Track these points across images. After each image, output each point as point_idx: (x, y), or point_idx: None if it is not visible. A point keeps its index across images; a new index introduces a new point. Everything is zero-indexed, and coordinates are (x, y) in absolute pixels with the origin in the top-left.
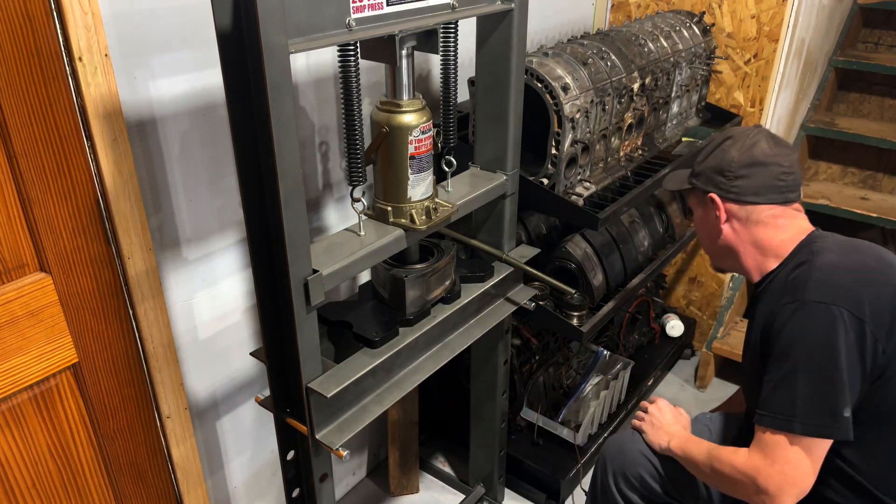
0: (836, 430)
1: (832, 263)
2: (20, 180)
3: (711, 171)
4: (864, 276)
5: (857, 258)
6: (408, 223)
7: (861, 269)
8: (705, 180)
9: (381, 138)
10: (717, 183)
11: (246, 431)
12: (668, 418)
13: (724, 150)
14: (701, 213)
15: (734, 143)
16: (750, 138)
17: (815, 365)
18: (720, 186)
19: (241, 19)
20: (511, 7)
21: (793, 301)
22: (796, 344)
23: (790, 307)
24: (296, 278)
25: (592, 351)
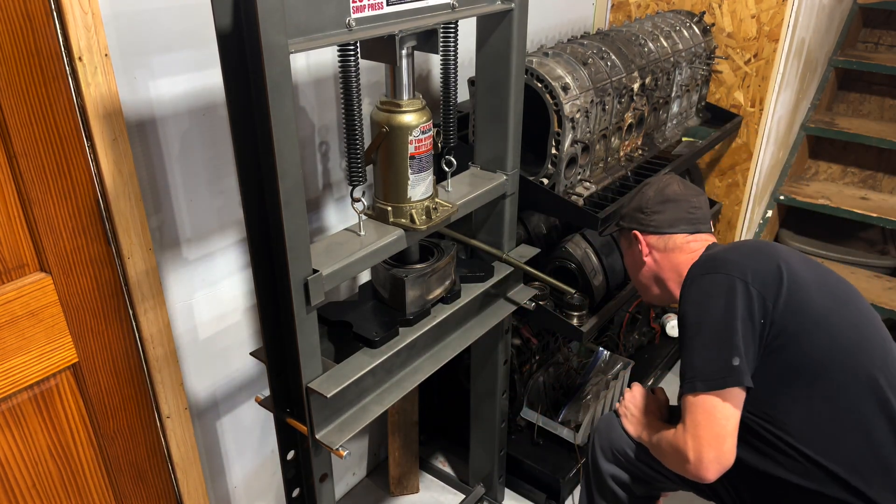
0: (730, 379)
1: (714, 251)
2: (20, 180)
3: (633, 210)
4: (741, 251)
5: (734, 245)
6: (408, 223)
7: (738, 248)
8: (629, 220)
9: (381, 138)
10: (638, 220)
11: (246, 431)
12: (640, 406)
13: (642, 193)
14: (627, 251)
15: (650, 187)
16: (663, 182)
17: (702, 324)
18: (640, 222)
19: (241, 19)
20: (511, 7)
21: (686, 284)
22: (686, 312)
23: (684, 288)
24: (296, 278)
25: (592, 351)
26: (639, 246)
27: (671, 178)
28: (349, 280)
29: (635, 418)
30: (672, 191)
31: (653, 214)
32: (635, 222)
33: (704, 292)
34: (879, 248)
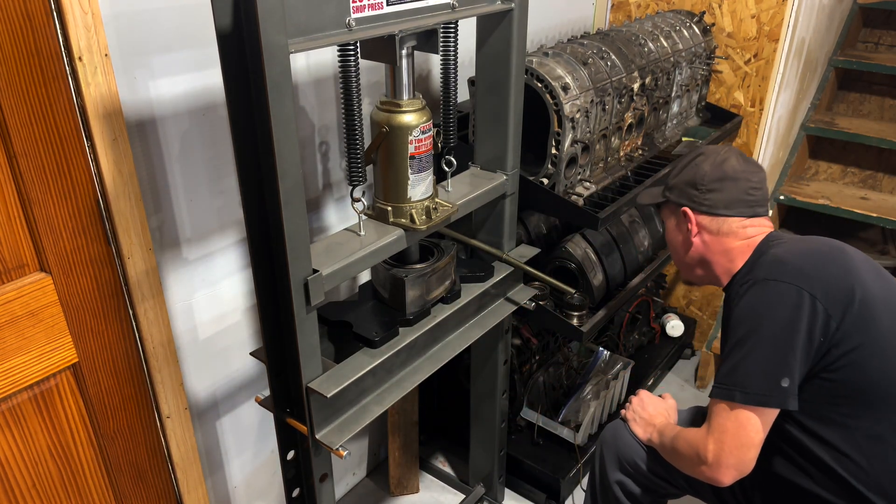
0: (773, 400)
1: (783, 251)
2: (20, 180)
3: (684, 184)
4: (813, 258)
5: (806, 246)
6: (408, 223)
7: (811, 254)
8: (678, 194)
9: (381, 138)
10: (689, 196)
11: (246, 431)
12: (651, 410)
13: (696, 165)
14: (673, 226)
15: (706, 158)
16: (721, 155)
17: (757, 335)
18: (693, 199)
19: (241, 19)
20: (511, 7)
21: (745, 282)
22: (742, 316)
23: (743, 287)
24: (296, 278)
25: (592, 351)
26: (688, 225)
27: (729, 151)
28: (349, 280)
29: (644, 421)
30: (731, 167)
31: (708, 193)
32: (686, 198)
33: (767, 300)
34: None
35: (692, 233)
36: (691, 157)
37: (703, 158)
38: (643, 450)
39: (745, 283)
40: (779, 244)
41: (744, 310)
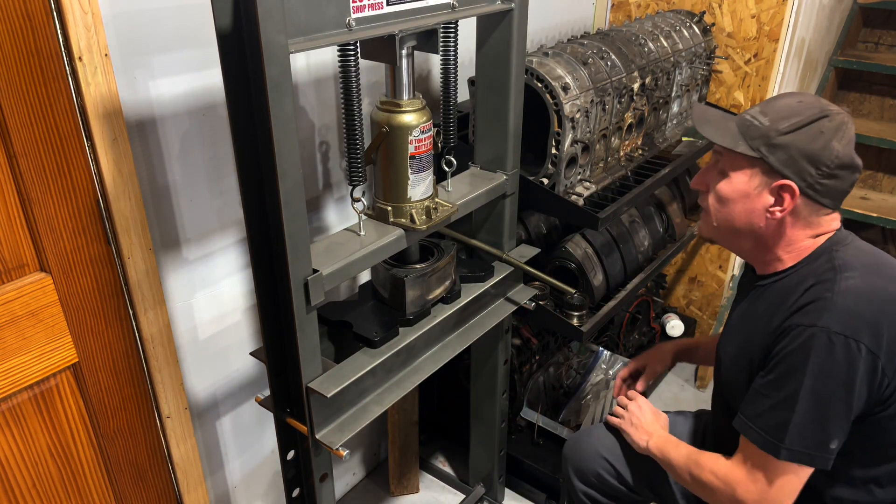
0: (819, 460)
1: (856, 289)
2: (20, 180)
3: (801, 154)
4: (885, 306)
5: (879, 283)
6: (408, 223)
7: (883, 299)
8: (787, 161)
9: (381, 138)
10: (803, 171)
11: (246, 431)
12: (648, 417)
13: (823, 134)
14: (743, 185)
15: (836, 132)
16: (849, 131)
17: (818, 396)
18: (805, 178)
19: (241, 19)
20: (511, 7)
21: (811, 325)
22: (805, 370)
23: (808, 331)
24: (296, 278)
25: (592, 351)
26: (781, 202)
27: (851, 122)
28: (349, 280)
29: (644, 431)
30: (857, 159)
31: (828, 178)
32: (796, 172)
33: (831, 356)
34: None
35: (781, 209)
36: (813, 114)
37: (830, 129)
38: (608, 463)
39: (810, 325)
40: (846, 268)
41: (806, 361)
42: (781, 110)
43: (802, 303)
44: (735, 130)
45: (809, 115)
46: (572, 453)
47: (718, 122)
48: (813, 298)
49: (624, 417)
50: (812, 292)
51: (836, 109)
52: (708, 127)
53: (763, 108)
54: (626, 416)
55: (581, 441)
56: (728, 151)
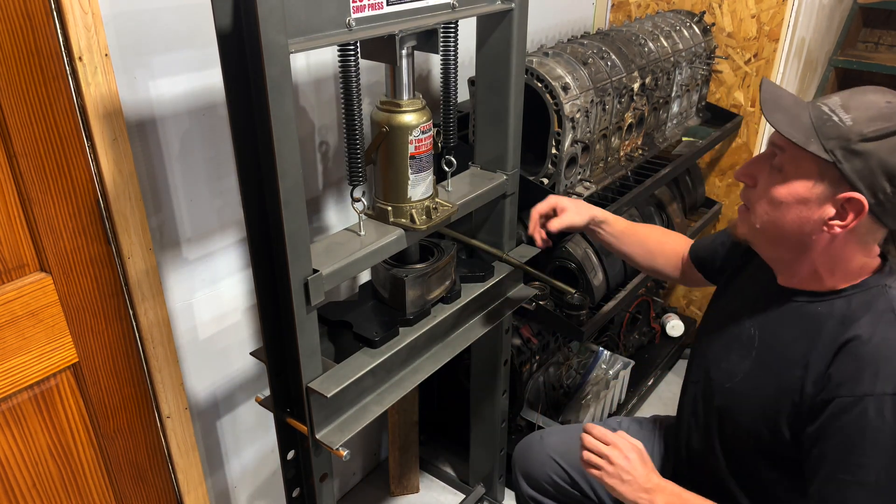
0: None
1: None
2: (20, 180)
3: (881, 166)
4: None
5: None
6: (408, 223)
7: None
8: (862, 171)
9: (381, 138)
10: (876, 186)
11: (246, 431)
12: (639, 468)
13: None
14: (804, 190)
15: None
16: None
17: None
18: (877, 194)
19: (241, 19)
20: (511, 7)
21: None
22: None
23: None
24: (296, 278)
25: (592, 351)
26: (846, 215)
27: None
28: (349, 280)
29: (641, 487)
30: None
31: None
32: (871, 187)
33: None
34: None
35: (840, 226)
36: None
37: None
38: (559, 466)
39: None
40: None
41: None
42: (869, 109)
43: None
44: (808, 124)
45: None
46: (522, 457)
47: (791, 108)
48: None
49: (605, 468)
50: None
51: None
52: (779, 114)
53: (845, 102)
54: (605, 466)
55: (531, 445)
56: (793, 147)
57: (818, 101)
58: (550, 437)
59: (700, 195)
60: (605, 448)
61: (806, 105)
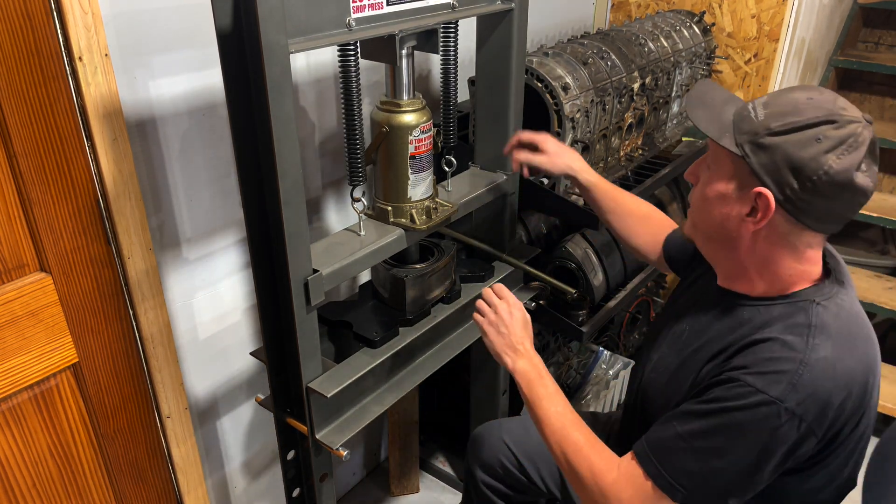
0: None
1: (824, 363)
2: (20, 180)
3: (785, 161)
4: (843, 387)
5: (848, 362)
6: (408, 223)
7: (846, 380)
8: (768, 165)
9: (381, 138)
10: (783, 183)
11: (246, 431)
12: (519, 329)
13: (819, 143)
14: (722, 185)
15: (839, 144)
16: (859, 146)
17: (745, 463)
18: (784, 189)
19: (241, 19)
20: (511, 7)
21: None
22: (744, 434)
23: (759, 397)
24: (296, 278)
25: (592, 351)
26: (756, 211)
27: (871, 136)
28: (349, 280)
29: (511, 346)
30: (864, 178)
31: (813, 195)
32: (776, 182)
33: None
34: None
35: (755, 219)
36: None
37: (833, 138)
38: (510, 451)
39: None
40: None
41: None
42: (784, 105)
43: (764, 356)
44: (728, 121)
45: (812, 116)
46: (478, 442)
47: (715, 106)
48: (777, 357)
49: (488, 316)
50: (778, 347)
51: (852, 116)
52: (700, 111)
53: (769, 99)
54: (489, 315)
55: (486, 429)
56: (713, 143)
57: (752, 101)
58: (508, 423)
59: None
60: (496, 300)
61: (736, 104)
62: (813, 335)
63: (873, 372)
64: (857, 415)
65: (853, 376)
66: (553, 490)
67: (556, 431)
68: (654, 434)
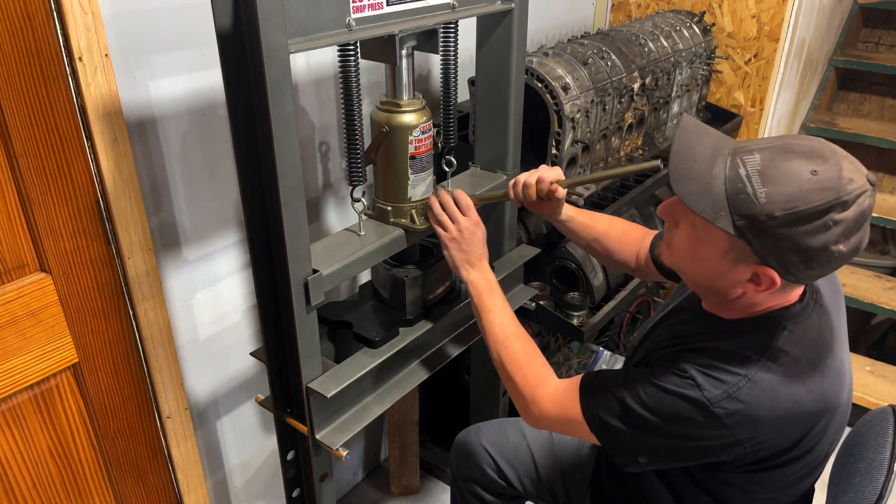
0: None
1: (766, 387)
2: (20, 181)
3: (793, 248)
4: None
5: (794, 391)
6: (408, 223)
7: (788, 409)
8: (773, 250)
9: (381, 138)
10: (788, 263)
11: (246, 431)
12: (479, 248)
13: (829, 231)
14: (716, 255)
15: (848, 229)
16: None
17: (665, 442)
18: (789, 269)
19: (241, 19)
20: (511, 7)
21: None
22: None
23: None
24: (296, 278)
25: (592, 351)
26: (758, 282)
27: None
28: (349, 280)
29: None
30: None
31: (816, 269)
32: (783, 265)
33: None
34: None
35: (755, 289)
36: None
37: (843, 221)
38: (489, 456)
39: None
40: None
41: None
42: (787, 184)
43: (715, 362)
44: (720, 194)
45: (819, 202)
46: (459, 447)
47: (702, 173)
48: (726, 368)
49: (451, 231)
50: (730, 359)
51: (859, 187)
52: (688, 184)
53: (765, 168)
54: (452, 230)
55: (468, 435)
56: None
57: (739, 156)
58: (487, 427)
59: None
60: (460, 217)
61: (724, 162)
62: (767, 357)
63: (829, 409)
64: (805, 446)
65: (799, 406)
66: (531, 490)
67: (499, 341)
68: (606, 377)
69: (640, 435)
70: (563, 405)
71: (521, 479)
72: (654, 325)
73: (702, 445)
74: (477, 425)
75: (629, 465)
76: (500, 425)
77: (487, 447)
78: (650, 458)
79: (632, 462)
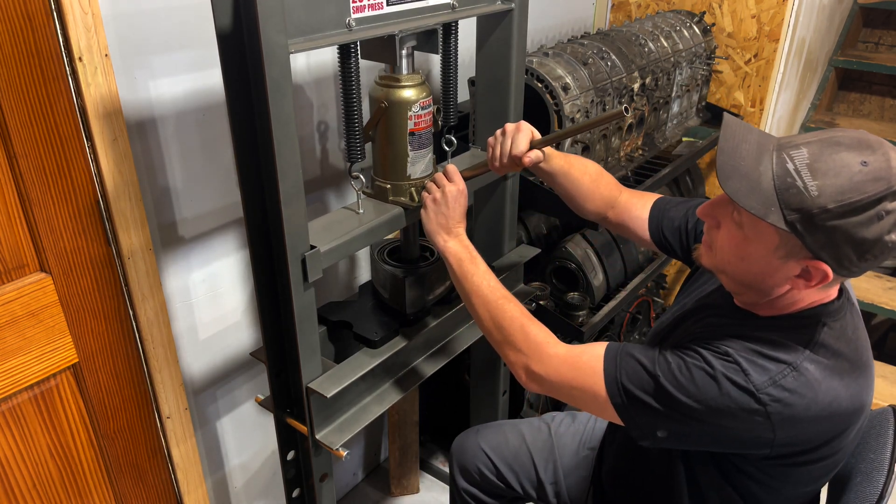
0: (634, 428)
1: (811, 377)
2: (20, 181)
3: (846, 240)
4: (822, 410)
5: (835, 388)
6: (407, 201)
7: (828, 404)
8: (826, 243)
9: (380, 114)
10: (841, 256)
11: (246, 431)
12: (458, 215)
13: (882, 221)
14: (765, 251)
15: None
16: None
17: (692, 427)
18: (842, 262)
19: (241, 19)
20: (511, 7)
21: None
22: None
23: (737, 376)
24: (293, 254)
25: None
26: (809, 277)
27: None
28: (349, 280)
29: (445, 226)
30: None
31: (869, 261)
32: (836, 258)
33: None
34: None
35: (805, 284)
36: (877, 191)
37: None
38: (487, 458)
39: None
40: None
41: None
42: (838, 175)
43: (758, 348)
44: (769, 189)
45: (871, 192)
46: (458, 450)
47: (749, 170)
48: (771, 355)
49: (435, 196)
50: (774, 346)
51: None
52: (733, 181)
53: (814, 161)
54: (436, 195)
55: (467, 437)
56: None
57: (786, 151)
58: (486, 430)
59: (700, 195)
60: (446, 182)
61: (770, 158)
62: (812, 349)
63: (861, 409)
64: (835, 446)
65: (837, 402)
66: (531, 492)
67: (490, 302)
68: (637, 349)
69: (667, 412)
70: (579, 368)
71: (521, 481)
72: (678, 320)
73: (733, 433)
74: (476, 427)
75: (643, 439)
76: (498, 427)
77: (486, 450)
78: (669, 435)
79: (648, 437)
